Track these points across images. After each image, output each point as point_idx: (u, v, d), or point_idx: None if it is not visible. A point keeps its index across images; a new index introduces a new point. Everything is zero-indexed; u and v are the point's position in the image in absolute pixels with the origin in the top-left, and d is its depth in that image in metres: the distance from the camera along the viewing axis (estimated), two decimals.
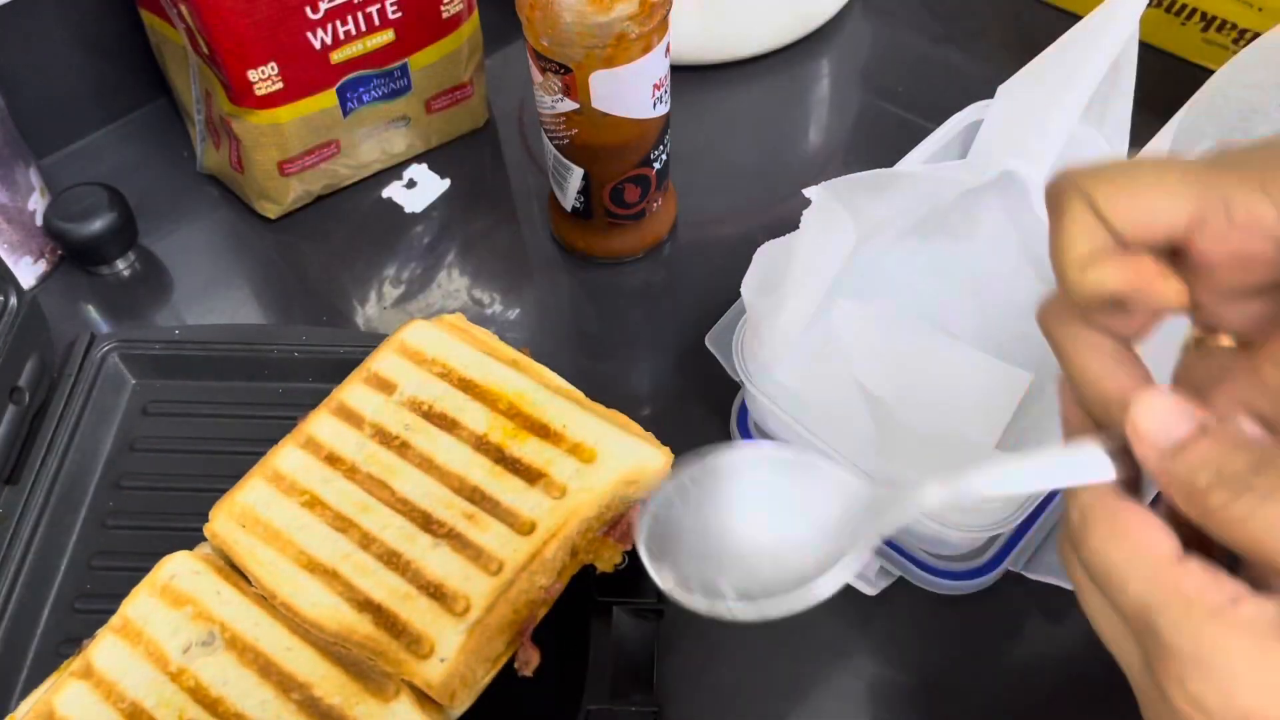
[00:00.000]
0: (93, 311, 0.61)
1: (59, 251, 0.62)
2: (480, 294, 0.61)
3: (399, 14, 0.60)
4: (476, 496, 0.43)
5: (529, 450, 0.44)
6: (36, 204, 0.61)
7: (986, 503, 0.42)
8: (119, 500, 0.50)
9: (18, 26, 0.62)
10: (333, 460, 0.45)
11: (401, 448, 0.44)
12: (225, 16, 0.55)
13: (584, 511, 0.41)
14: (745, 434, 0.53)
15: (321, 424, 0.46)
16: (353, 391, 0.47)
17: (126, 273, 0.63)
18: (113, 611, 0.45)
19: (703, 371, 0.56)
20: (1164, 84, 0.56)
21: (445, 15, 0.62)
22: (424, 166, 0.67)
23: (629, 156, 0.56)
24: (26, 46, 0.63)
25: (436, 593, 0.40)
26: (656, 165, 0.57)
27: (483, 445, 0.44)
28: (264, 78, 0.58)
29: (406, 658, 0.39)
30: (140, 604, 0.42)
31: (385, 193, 0.66)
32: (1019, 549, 0.47)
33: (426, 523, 0.42)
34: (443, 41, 0.63)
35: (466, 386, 0.46)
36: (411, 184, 0.66)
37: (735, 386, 0.54)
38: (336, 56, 0.60)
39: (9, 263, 0.58)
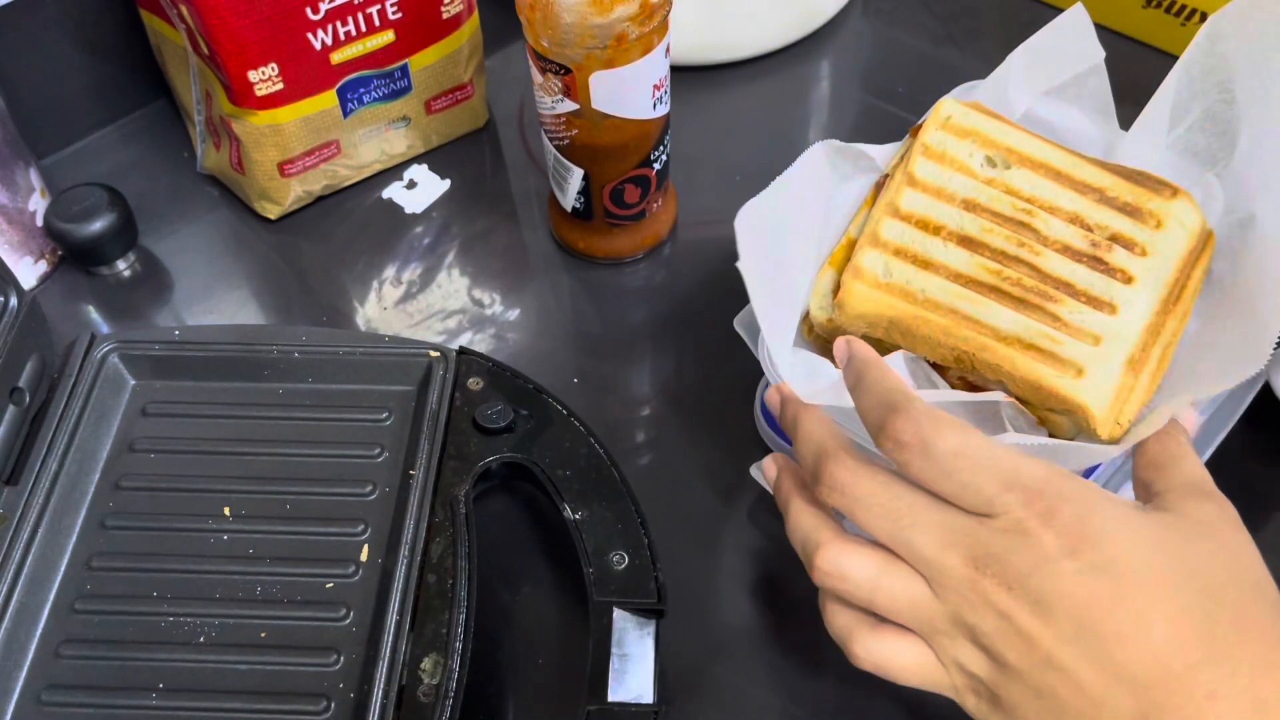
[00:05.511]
0: (93, 312, 0.61)
1: (59, 252, 0.62)
2: (480, 294, 0.61)
3: (399, 14, 0.60)
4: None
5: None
6: (37, 204, 0.61)
7: None
8: (119, 500, 0.50)
9: (18, 26, 0.62)
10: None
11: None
12: (225, 17, 0.55)
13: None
14: (769, 422, 0.52)
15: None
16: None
17: (126, 273, 0.63)
18: (111, 613, 0.46)
19: (702, 372, 0.57)
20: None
21: (445, 16, 0.62)
22: (424, 167, 0.67)
23: (629, 157, 0.56)
24: (26, 46, 0.63)
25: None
26: (656, 166, 0.57)
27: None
28: (264, 78, 0.58)
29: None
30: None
31: (385, 193, 0.66)
32: None
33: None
34: (443, 42, 0.63)
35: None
36: (412, 184, 0.66)
37: (735, 388, 0.54)
38: (337, 57, 0.60)
39: (9, 263, 0.58)
